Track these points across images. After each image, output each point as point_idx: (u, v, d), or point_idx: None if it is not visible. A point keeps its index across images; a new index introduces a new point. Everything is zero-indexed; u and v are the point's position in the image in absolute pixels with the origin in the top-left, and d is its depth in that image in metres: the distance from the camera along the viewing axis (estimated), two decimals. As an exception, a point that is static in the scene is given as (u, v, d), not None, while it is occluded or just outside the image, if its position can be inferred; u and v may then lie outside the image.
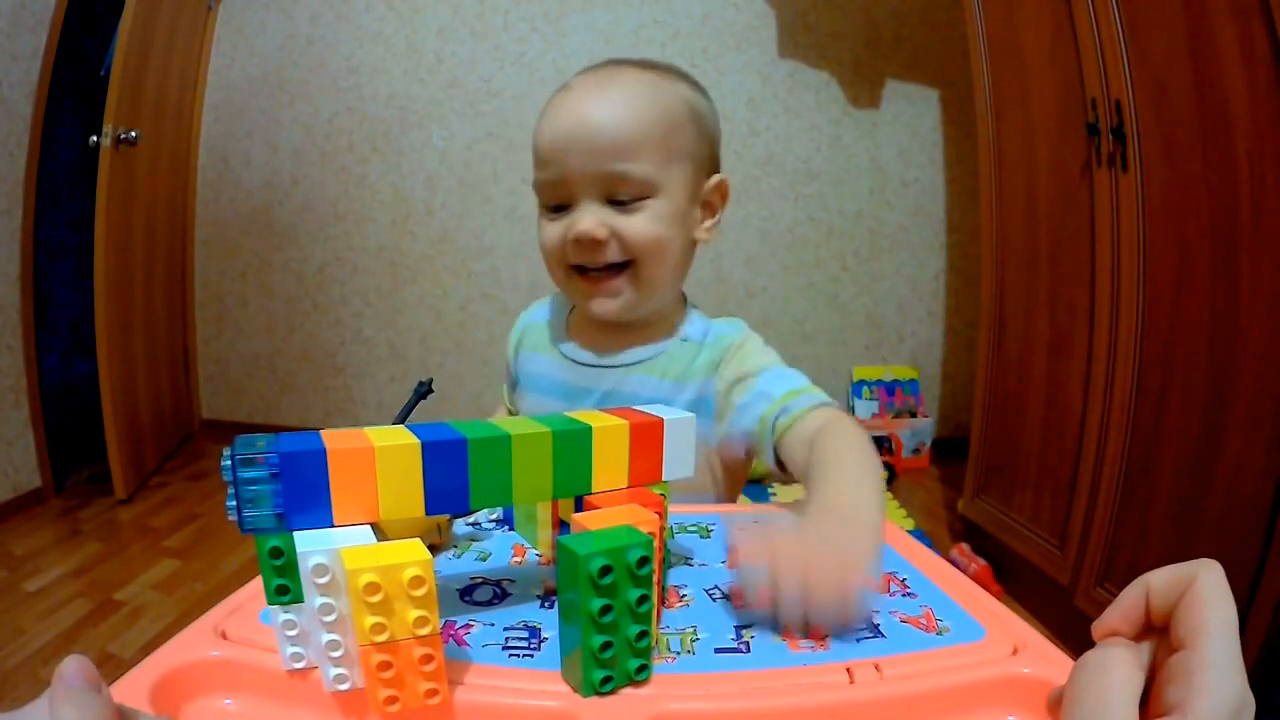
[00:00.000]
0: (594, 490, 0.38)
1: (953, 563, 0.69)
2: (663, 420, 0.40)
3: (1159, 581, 0.27)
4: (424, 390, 0.51)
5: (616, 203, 0.59)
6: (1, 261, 1.92)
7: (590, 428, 0.37)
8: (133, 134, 1.99)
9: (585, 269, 0.62)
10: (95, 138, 1.91)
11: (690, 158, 0.62)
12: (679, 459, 0.41)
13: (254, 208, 2.59)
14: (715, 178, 0.65)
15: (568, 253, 0.61)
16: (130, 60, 1.95)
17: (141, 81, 2.06)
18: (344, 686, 0.30)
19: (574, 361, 0.68)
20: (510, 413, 0.79)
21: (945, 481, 2.26)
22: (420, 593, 0.28)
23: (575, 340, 0.70)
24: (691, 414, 0.41)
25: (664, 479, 0.41)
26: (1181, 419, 1.13)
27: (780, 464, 0.60)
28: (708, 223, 0.66)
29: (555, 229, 0.61)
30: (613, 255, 0.60)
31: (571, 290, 0.65)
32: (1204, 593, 0.25)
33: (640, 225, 0.59)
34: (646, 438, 0.39)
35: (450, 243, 2.53)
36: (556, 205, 0.61)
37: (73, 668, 0.23)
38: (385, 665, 0.28)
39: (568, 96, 0.61)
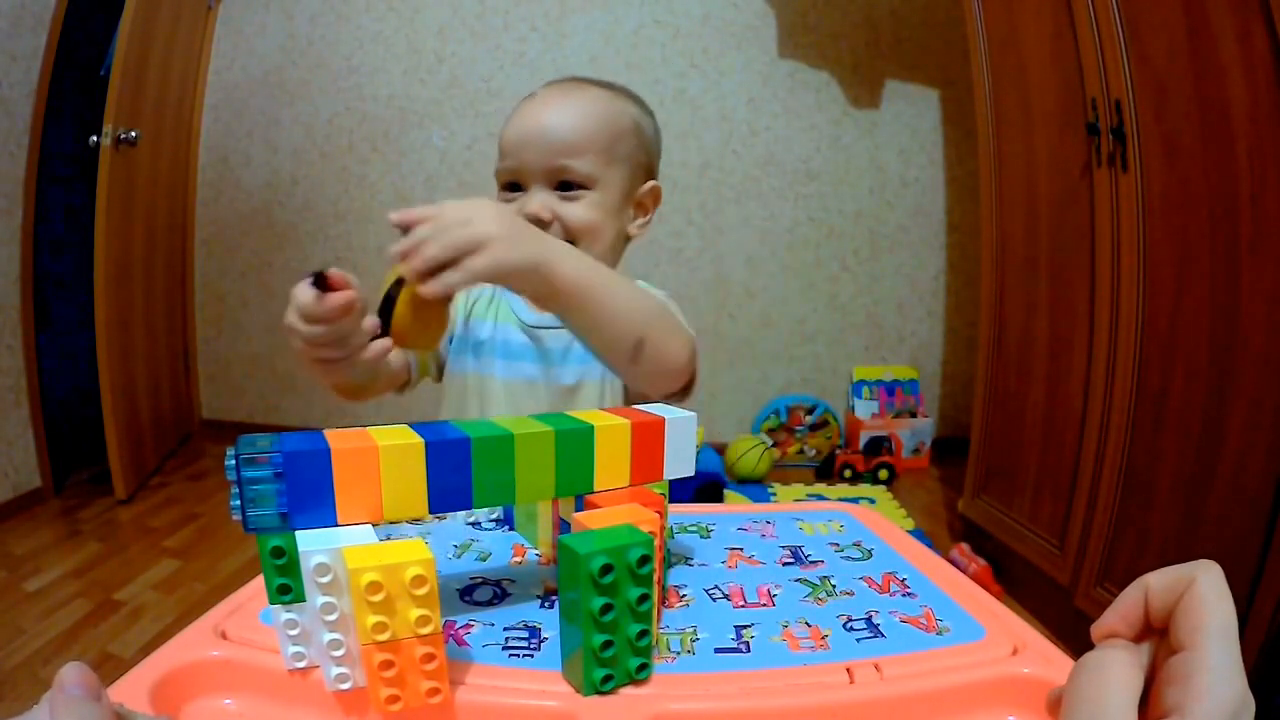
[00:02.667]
0: (596, 489, 0.38)
1: (953, 563, 0.69)
2: (664, 420, 0.40)
3: (1158, 583, 0.26)
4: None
5: (562, 191, 0.70)
6: (1, 261, 1.91)
7: (592, 427, 0.37)
8: (133, 134, 1.98)
9: None
10: (95, 138, 1.91)
11: (629, 163, 0.73)
12: (680, 458, 0.41)
13: (254, 208, 2.59)
14: (650, 183, 0.77)
15: None
16: (130, 60, 1.95)
17: (141, 81, 2.06)
18: (346, 686, 0.30)
19: (535, 326, 0.76)
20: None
21: (945, 481, 2.26)
22: (422, 592, 0.28)
23: (530, 309, 0.76)
24: (693, 413, 0.42)
25: (665, 478, 0.41)
26: (1181, 419, 1.13)
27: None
28: (639, 220, 0.77)
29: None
30: (554, 235, 0.69)
31: None
32: (1203, 594, 0.25)
33: (579, 211, 0.70)
34: (648, 437, 0.39)
35: (450, 243, 2.53)
36: (511, 189, 0.72)
37: (72, 676, 0.23)
38: (387, 664, 0.28)
39: (532, 102, 0.73)
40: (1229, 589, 0.25)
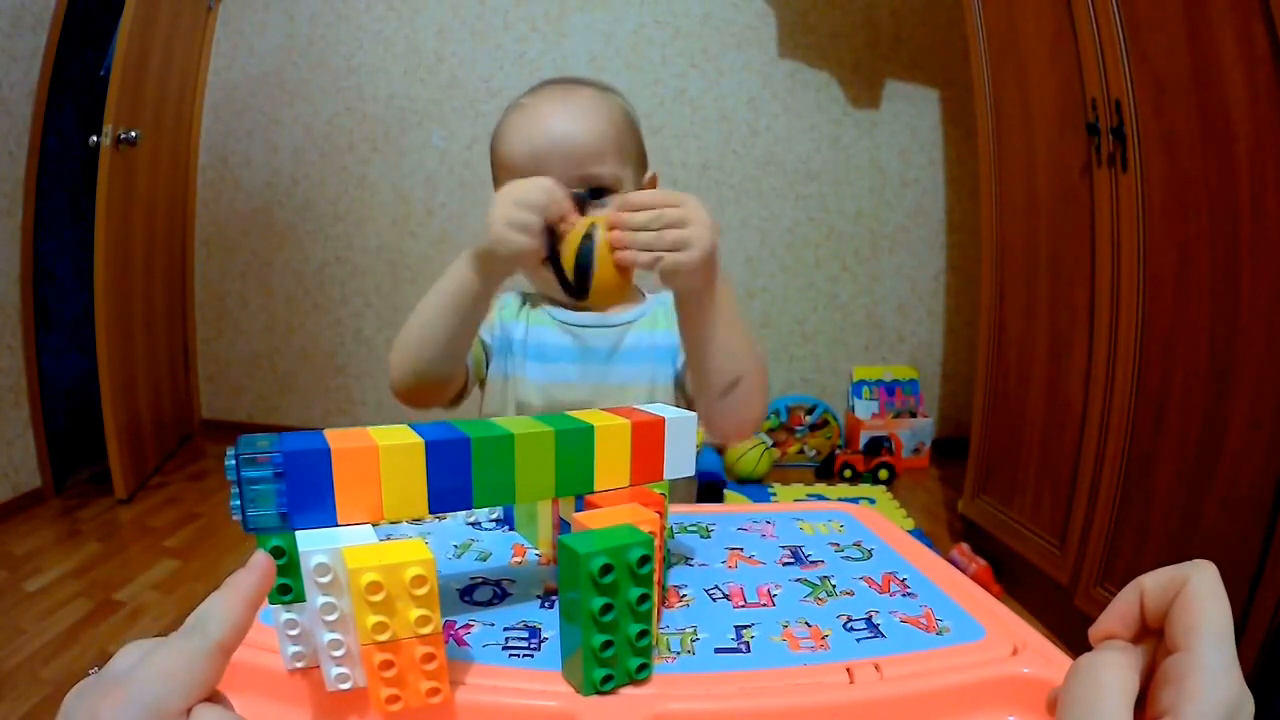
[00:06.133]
0: (596, 489, 0.38)
1: (953, 563, 0.69)
2: (664, 420, 0.40)
3: (1153, 584, 0.26)
4: None
5: (590, 199, 0.68)
6: (1, 261, 1.92)
7: (593, 427, 0.37)
8: (133, 134, 1.98)
9: None
10: (95, 138, 1.91)
11: (634, 158, 0.73)
12: (680, 458, 0.41)
13: (254, 208, 2.59)
14: (648, 173, 0.76)
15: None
16: (130, 60, 1.95)
17: (141, 81, 2.06)
18: (346, 686, 0.30)
19: (578, 325, 0.75)
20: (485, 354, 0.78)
21: (945, 481, 2.26)
22: (422, 592, 0.28)
23: (566, 309, 0.76)
24: (693, 413, 0.42)
25: (665, 478, 0.41)
26: (1181, 419, 1.13)
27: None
28: None
29: None
30: None
31: (547, 275, 0.74)
32: (1197, 594, 0.25)
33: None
34: (648, 437, 0.39)
35: (450, 243, 2.53)
36: None
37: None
38: (387, 664, 0.28)
39: (534, 112, 0.69)
40: (1224, 588, 0.25)
